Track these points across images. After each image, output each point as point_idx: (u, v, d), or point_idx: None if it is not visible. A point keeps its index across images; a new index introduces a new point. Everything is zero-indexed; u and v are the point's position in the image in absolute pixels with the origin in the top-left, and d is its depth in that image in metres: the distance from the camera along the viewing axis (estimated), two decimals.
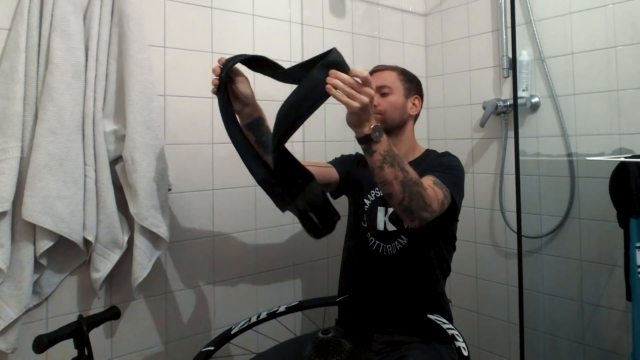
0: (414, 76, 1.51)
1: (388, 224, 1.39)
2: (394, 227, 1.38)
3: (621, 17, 1.54)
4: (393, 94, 1.43)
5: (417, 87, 1.49)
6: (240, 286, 1.63)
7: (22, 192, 1.15)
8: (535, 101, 1.78)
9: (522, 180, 1.38)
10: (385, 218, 1.39)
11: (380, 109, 1.41)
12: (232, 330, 1.29)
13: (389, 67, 1.49)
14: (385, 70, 1.47)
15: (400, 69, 1.49)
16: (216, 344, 1.21)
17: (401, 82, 1.45)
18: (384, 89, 1.42)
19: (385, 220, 1.39)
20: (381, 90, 1.42)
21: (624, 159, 1.37)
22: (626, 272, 1.35)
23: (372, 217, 1.42)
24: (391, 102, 1.42)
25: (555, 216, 1.72)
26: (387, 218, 1.39)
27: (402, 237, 1.37)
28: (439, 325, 1.24)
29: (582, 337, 1.66)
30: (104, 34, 1.28)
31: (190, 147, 1.52)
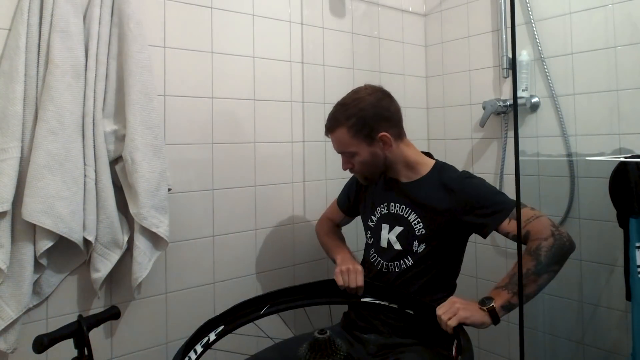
0: (364, 113, 1.29)
1: (394, 242, 1.36)
2: (400, 247, 1.35)
3: (621, 17, 1.54)
4: (358, 152, 1.31)
5: (375, 123, 1.29)
6: (240, 286, 1.63)
7: (22, 192, 1.15)
8: (535, 101, 1.78)
9: (522, 180, 1.37)
10: (388, 235, 1.37)
11: (356, 170, 1.36)
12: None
13: (336, 121, 1.31)
14: (335, 130, 1.32)
15: (347, 121, 1.29)
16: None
17: (355, 135, 1.29)
18: (346, 153, 1.33)
19: (388, 237, 1.37)
20: (345, 154, 1.34)
21: (623, 159, 1.37)
22: (626, 272, 1.35)
23: (377, 234, 1.40)
24: (360, 161, 1.33)
25: (555, 216, 1.72)
26: (391, 235, 1.36)
27: (409, 258, 1.33)
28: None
29: (582, 337, 1.66)
30: (104, 34, 1.28)
31: (190, 147, 1.52)
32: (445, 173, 1.34)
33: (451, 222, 1.29)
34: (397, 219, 1.36)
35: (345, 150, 1.33)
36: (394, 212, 1.37)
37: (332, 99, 1.86)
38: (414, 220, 1.33)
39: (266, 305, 1.30)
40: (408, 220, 1.34)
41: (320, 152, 1.84)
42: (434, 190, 1.31)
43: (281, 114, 1.74)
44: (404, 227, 1.34)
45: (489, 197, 1.26)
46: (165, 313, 1.48)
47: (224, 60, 1.59)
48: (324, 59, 1.85)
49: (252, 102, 1.66)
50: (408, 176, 1.37)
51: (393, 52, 2.09)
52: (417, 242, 1.32)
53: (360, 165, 1.34)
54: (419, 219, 1.32)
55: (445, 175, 1.33)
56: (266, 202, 1.69)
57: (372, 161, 1.33)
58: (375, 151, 1.32)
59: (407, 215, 1.34)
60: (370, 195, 1.47)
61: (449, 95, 2.13)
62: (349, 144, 1.31)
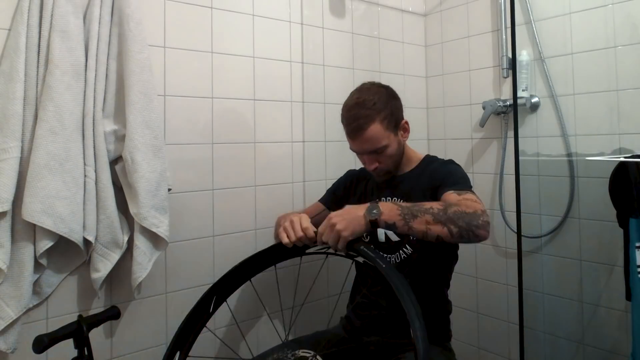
0: (390, 98, 1.32)
1: (391, 234, 1.36)
2: (397, 238, 1.36)
3: (621, 17, 1.54)
4: (389, 145, 1.31)
5: (398, 110, 1.34)
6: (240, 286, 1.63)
7: (22, 192, 1.15)
8: (535, 101, 1.78)
9: (522, 180, 1.39)
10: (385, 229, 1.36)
11: (381, 166, 1.34)
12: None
13: (368, 118, 1.27)
14: (367, 127, 1.27)
15: (379, 115, 1.28)
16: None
17: (387, 127, 1.29)
18: (378, 150, 1.31)
19: (384, 231, 1.37)
20: (377, 150, 1.31)
21: (623, 159, 1.37)
22: (626, 272, 1.35)
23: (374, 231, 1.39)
24: (390, 154, 1.33)
25: (555, 216, 1.72)
26: (388, 231, 1.37)
27: (407, 247, 1.35)
28: None
29: (581, 337, 1.66)
30: (103, 34, 1.28)
31: (190, 147, 1.52)
32: (434, 163, 1.41)
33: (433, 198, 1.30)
34: None
35: (377, 146, 1.30)
36: None
37: (332, 99, 1.87)
38: None
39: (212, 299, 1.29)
40: None
41: (320, 152, 1.84)
42: (423, 180, 1.35)
43: (281, 114, 1.74)
44: None
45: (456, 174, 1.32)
46: (165, 313, 1.48)
47: (224, 60, 1.59)
48: (324, 59, 1.85)
49: (252, 102, 1.66)
50: (402, 168, 1.41)
51: (393, 52, 2.09)
52: None
53: (388, 159, 1.34)
54: None
55: (431, 166, 1.40)
56: (266, 202, 1.69)
57: (398, 152, 1.36)
58: (400, 140, 1.36)
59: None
60: (362, 193, 1.49)
61: (449, 95, 2.13)
62: (382, 138, 1.29)
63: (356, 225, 1.10)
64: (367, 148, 1.32)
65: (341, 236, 1.10)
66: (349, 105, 1.33)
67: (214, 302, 1.30)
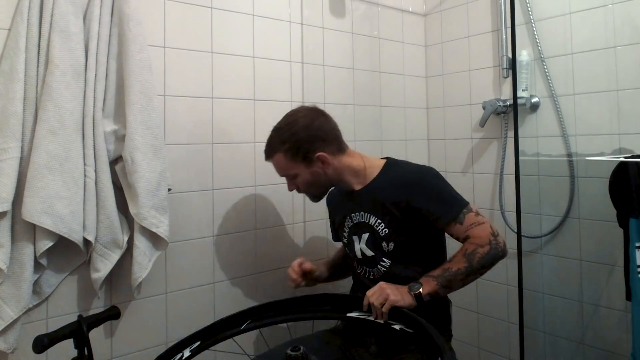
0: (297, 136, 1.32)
1: (365, 249, 1.37)
2: (372, 253, 1.36)
3: (621, 17, 1.54)
4: (299, 174, 1.35)
5: (310, 145, 1.32)
6: (241, 286, 1.63)
7: (22, 192, 1.15)
8: (535, 101, 1.78)
9: (522, 180, 1.38)
10: (360, 245, 1.38)
11: (301, 190, 1.40)
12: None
13: (272, 147, 1.35)
14: (272, 156, 1.36)
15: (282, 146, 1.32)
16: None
17: (292, 159, 1.33)
18: (287, 176, 1.38)
19: (361, 247, 1.38)
20: (287, 177, 1.38)
21: (623, 159, 1.37)
22: (626, 272, 1.35)
23: (351, 247, 1.42)
24: (302, 181, 1.36)
25: (555, 216, 1.72)
26: (362, 244, 1.38)
27: (384, 260, 1.35)
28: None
29: (582, 337, 1.66)
30: (103, 34, 1.28)
31: (190, 147, 1.52)
32: (396, 168, 1.38)
33: (408, 212, 1.30)
34: (361, 226, 1.38)
35: (286, 173, 1.36)
36: (357, 221, 1.39)
37: (332, 99, 1.87)
38: (375, 223, 1.35)
39: (247, 321, 1.27)
40: (369, 224, 1.36)
41: None
42: (387, 188, 1.34)
43: (281, 114, 1.73)
44: (369, 233, 1.36)
45: (443, 193, 1.31)
46: (165, 313, 1.48)
47: (224, 60, 1.59)
48: (324, 59, 1.85)
49: (252, 102, 1.66)
50: (360, 183, 1.39)
51: (393, 52, 2.08)
52: (385, 242, 1.34)
53: (303, 185, 1.37)
54: (379, 220, 1.34)
55: (396, 170, 1.37)
56: (266, 202, 1.69)
57: (314, 180, 1.36)
58: (315, 170, 1.35)
59: (368, 220, 1.36)
60: (336, 215, 1.51)
61: (449, 95, 2.13)
62: (288, 168, 1.35)
63: (404, 295, 1.18)
64: (278, 172, 1.39)
65: (389, 299, 1.16)
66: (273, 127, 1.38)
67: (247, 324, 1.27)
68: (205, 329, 1.22)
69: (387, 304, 1.16)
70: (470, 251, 1.23)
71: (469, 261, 1.22)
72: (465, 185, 2.04)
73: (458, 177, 2.08)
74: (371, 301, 1.18)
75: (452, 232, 1.29)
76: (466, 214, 1.27)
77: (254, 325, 1.27)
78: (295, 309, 1.31)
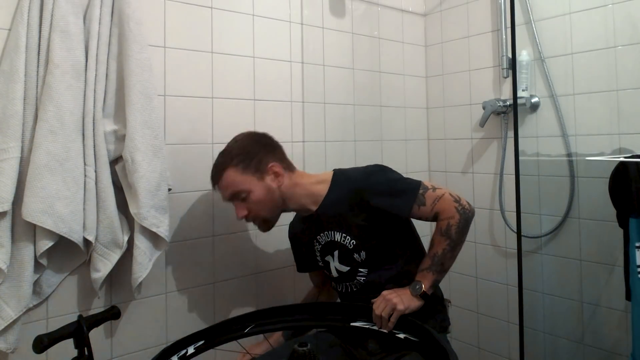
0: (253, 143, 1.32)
1: (339, 266, 1.36)
2: (347, 267, 1.35)
3: (621, 17, 1.54)
4: (252, 190, 1.28)
5: (261, 155, 1.30)
6: (240, 286, 1.63)
7: (22, 192, 1.15)
8: (535, 101, 1.78)
9: (521, 180, 1.38)
10: (334, 264, 1.37)
11: (253, 213, 1.30)
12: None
13: (221, 165, 1.30)
14: (222, 174, 1.29)
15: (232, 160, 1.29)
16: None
17: (244, 171, 1.28)
18: (240, 195, 1.29)
19: (335, 266, 1.37)
20: (239, 197, 1.29)
21: (623, 159, 1.37)
22: (626, 272, 1.35)
23: (327, 268, 1.40)
24: (255, 200, 1.28)
25: (555, 216, 1.72)
26: (336, 263, 1.36)
27: (361, 270, 1.34)
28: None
29: (581, 337, 1.66)
30: (104, 34, 1.28)
31: (190, 147, 1.52)
32: (343, 178, 1.35)
33: (371, 215, 1.29)
34: (331, 246, 1.37)
35: (237, 190, 1.28)
36: (324, 241, 1.38)
37: (332, 99, 1.87)
38: (340, 238, 1.34)
39: (251, 325, 1.27)
40: (336, 241, 1.35)
41: (320, 152, 1.84)
42: (342, 200, 1.31)
43: (281, 114, 1.74)
44: (339, 249, 1.35)
45: (395, 183, 1.30)
46: (165, 313, 1.48)
47: (224, 60, 1.59)
48: (324, 59, 1.85)
49: (252, 102, 1.66)
50: (314, 203, 1.35)
51: (393, 52, 2.08)
52: (356, 254, 1.33)
53: (256, 205, 1.29)
54: (343, 234, 1.33)
55: (345, 179, 1.34)
56: None
57: (267, 197, 1.30)
58: (269, 185, 1.30)
59: (333, 237, 1.35)
60: (302, 244, 1.48)
61: (449, 95, 2.13)
62: (240, 182, 1.28)
63: (410, 301, 1.19)
64: (227, 194, 1.31)
65: (396, 309, 1.16)
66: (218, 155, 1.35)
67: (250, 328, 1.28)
68: (209, 329, 1.22)
69: (395, 314, 1.16)
70: (445, 228, 1.24)
71: (448, 237, 1.23)
72: (465, 185, 2.04)
73: (458, 177, 2.08)
74: (377, 313, 1.17)
75: (418, 215, 1.28)
76: (425, 194, 1.26)
77: (258, 330, 1.28)
78: (300, 316, 1.32)
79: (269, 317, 1.30)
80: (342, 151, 1.83)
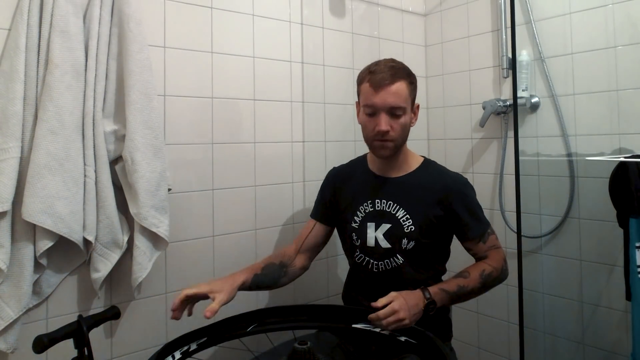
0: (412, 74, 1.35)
1: (382, 240, 1.32)
2: (388, 245, 1.32)
3: (621, 17, 1.54)
4: (406, 112, 1.28)
5: (416, 89, 1.34)
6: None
7: (22, 192, 1.15)
8: (535, 101, 1.78)
9: (522, 180, 1.38)
10: (375, 234, 1.33)
11: (393, 135, 1.28)
12: None
13: (399, 73, 1.28)
14: (396, 81, 1.26)
15: (408, 76, 1.31)
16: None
17: (410, 93, 1.30)
18: (397, 110, 1.27)
19: (375, 236, 1.33)
20: (395, 111, 1.27)
21: (623, 159, 1.37)
22: (626, 272, 1.35)
23: (362, 233, 1.36)
24: (403, 125, 1.29)
25: (555, 216, 1.72)
26: (378, 234, 1.33)
27: (398, 256, 1.32)
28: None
29: (582, 337, 1.66)
30: (104, 34, 1.28)
31: (190, 147, 1.52)
32: (437, 168, 1.39)
33: (446, 214, 1.30)
34: (383, 215, 1.33)
35: (399, 104, 1.26)
36: (380, 209, 1.34)
37: (332, 99, 1.87)
38: (403, 217, 1.31)
39: (253, 324, 1.27)
40: (396, 217, 1.32)
41: (320, 152, 1.84)
42: (429, 185, 1.33)
43: (281, 114, 1.74)
44: (392, 224, 1.32)
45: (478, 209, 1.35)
46: (165, 313, 1.48)
47: (224, 60, 1.59)
48: (324, 59, 1.85)
49: (252, 102, 1.66)
50: (397, 170, 1.36)
51: (393, 52, 2.08)
52: (407, 239, 1.31)
53: (400, 128, 1.28)
54: (407, 215, 1.31)
55: (438, 170, 1.38)
56: (266, 202, 1.69)
57: (407, 128, 1.31)
58: (410, 119, 1.32)
59: (395, 211, 1.32)
60: (349, 194, 1.41)
61: (449, 95, 2.13)
62: (404, 99, 1.27)
63: (418, 315, 1.18)
64: (390, 102, 1.25)
65: (403, 324, 1.15)
66: (377, 62, 1.32)
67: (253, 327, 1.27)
68: (212, 326, 1.22)
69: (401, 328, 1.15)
70: (487, 273, 1.27)
71: (483, 282, 1.26)
72: None
73: None
74: (383, 323, 1.14)
75: (472, 247, 1.32)
76: (490, 235, 1.31)
77: (260, 330, 1.28)
78: (302, 316, 1.32)
79: (272, 316, 1.30)
80: (342, 151, 1.83)
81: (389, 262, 1.33)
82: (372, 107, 1.28)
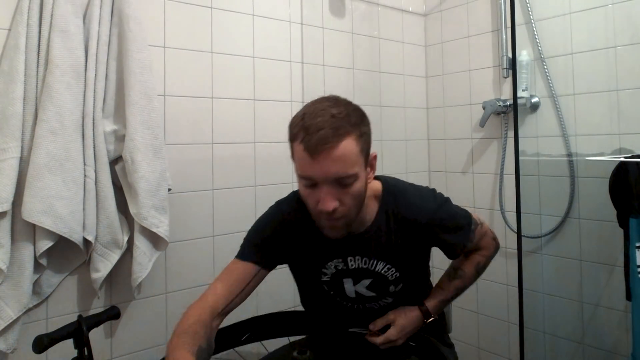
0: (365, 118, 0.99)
1: (364, 291, 1.16)
2: (373, 294, 1.16)
3: (621, 17, 1.54)
4: (357, 179, 0.94)
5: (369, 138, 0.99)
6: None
7: (22, 192, 1.15)
8: (535, 101, 1.78)
9: (522, 180, 1.38)
10: (355, 287, 1.16)
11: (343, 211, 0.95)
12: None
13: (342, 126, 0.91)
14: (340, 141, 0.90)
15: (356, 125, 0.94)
16: None
17: (361, 150, 0.94)
18: (346, 180, 0.93)
19: (355, 289, 1.16)
20: (343, 181, 0.93)
21: (623, 159, 1.37)
22: (626, 272, 1.35)
23: (337, 286, 1.17)
24: (355, 194, 0.96)
25: (555, 216, 1.72)
26: (358, 287, 1.15)
27: (388, 298, 1.18)
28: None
29: (582, 337, 1.66)
30: (103, 34, 1.28)
31: (190, 147, 1.52)
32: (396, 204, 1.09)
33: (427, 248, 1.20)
34: (361, 272, 1.14)
35: (346, 172, 0.92)
36: (355, 267, 1.13)
37: None
38: (383, 269, 1.13)
39: (247, 333, 1.26)
40: (376, 271, 1.13)
41: None
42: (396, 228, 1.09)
43: (281, 114, 1.74)
44: (373, 278, 1.14)
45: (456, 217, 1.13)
46: (165, 313, 1.48)
47: (224, 60, 1.59)
48: (324, 59, 1.85)
49: (252, 102, 1.66)
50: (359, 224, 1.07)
51: (393, 52, 2.08)
52: (394, 285, 1.16)
53: (351, 199, 0.96)
54: (388, 265, 1.12)
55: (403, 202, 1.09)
56: (266, 202, 1.68)
57: (362, 195, 0.98)
58: (366, 180, 0.99)
59: (374, 267, 1.12)
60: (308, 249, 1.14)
61: (449, 95, 2.13)
62: (353, 162, 0.92)
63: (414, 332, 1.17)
64: (333, 173, 0.91)
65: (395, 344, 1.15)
66: (311, 112, 0.94)
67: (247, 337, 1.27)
68: None
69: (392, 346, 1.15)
70: (482, 264, 1.24)
71: (478, 273, 1.24)
72: (465, 185, 2.04)
73: (458, 177, 2.08)
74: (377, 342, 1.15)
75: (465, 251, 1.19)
76: (475, 230, 1.16)
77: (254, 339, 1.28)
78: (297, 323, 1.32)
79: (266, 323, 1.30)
80: None
81: (376, 304, 1.19)
82: (310, 180, 0.95)
